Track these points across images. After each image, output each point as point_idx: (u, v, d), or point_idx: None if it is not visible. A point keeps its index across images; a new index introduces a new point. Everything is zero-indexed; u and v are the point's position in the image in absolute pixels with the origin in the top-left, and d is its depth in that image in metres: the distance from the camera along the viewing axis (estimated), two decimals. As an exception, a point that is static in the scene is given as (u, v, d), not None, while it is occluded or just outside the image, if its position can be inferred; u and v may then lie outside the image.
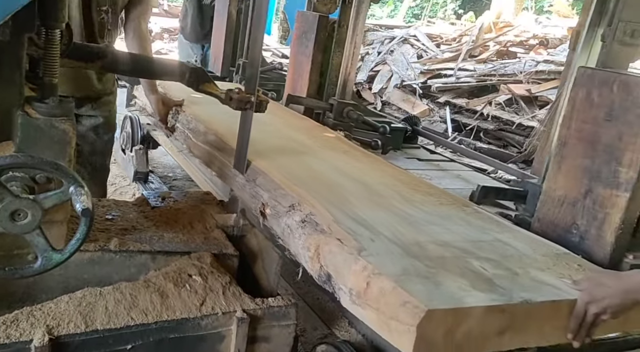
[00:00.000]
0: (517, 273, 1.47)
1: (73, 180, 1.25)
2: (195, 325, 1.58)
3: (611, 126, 1.81)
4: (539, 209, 2.04)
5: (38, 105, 1.36)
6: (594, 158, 1.86)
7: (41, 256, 1.29)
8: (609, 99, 1.81)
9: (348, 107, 3.54)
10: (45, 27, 1.36)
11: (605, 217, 1.82)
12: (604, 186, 1.82)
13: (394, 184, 2.06)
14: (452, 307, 1.24)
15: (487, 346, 1.32)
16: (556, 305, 1.38)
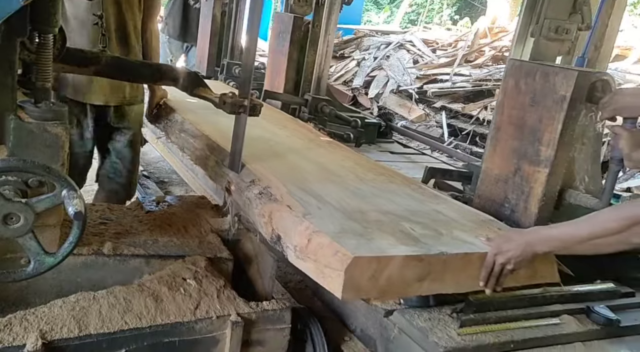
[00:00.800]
0: (442, 233, 1.69)
1: (65, 183, 1.25)
2: (190, 329, 1.58)
3: (534, 111, 1.98)
4: (479, 187, 2.22)
5: (30, 110, 1.36)
6: (521, 139, 2.03)
7: (34, 259, 1.29)
8: (533, 87, 1.99)
9: (322, 103, 3.74)
10: (37, 31, 1.37)
11: (530, 191, 2.00)
12: (528, 164, 2.00)
13: (351, 166, 2.29)
14: (375, 255, 1.44)
15: (407, 290, 1.53)
16: (468, 257, 1.59)
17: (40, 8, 1.34)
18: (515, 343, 1.62)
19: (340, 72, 8.32)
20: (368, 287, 1.44)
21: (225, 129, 2.21)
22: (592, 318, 1.78)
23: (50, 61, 1.40)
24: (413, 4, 17.57)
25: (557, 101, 1.91)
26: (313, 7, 3.84)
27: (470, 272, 1.60)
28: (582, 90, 1.89)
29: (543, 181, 1.95)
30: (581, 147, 2.00)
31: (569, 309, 1.80)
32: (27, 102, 1.40)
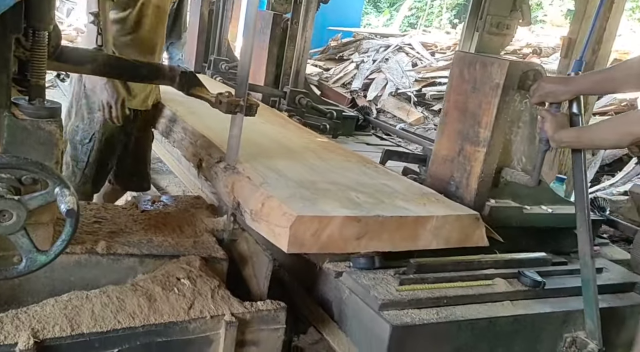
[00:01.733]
0: (383, 201, 1.92)
1: (59, 181, 1.25)
2: (183, 329, 1.57)
3: (475, 97, 2.19)
4: (430, 167, 2.44)
5: (25, 107, 1.36)
6: (464, 123, 2.23)
7: (26, 257, 1.28)
8: (474, 75, 2.20)
9: (300, 95, 3.97)
10: (32, 28, 1.36)
11: (471, 169, 2.20)
12: (470, 144, 2.21)
13: (314, 147, 2.59)
14: (317, 215, 1.66)
15: (347, 247, 1.74)
16: (403, 220, 1.81)
17: (35, 5, 1.34)
18: (448, 299, 1.81)
19: (339, 75, 8.33)
20: (310, 243, 1.66)
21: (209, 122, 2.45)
22: (521, 281, 1.98)
23: (45, 59, 1.40)
24: (412, 7, 17.60)
25: (493, 88, 2.11)
26: (292, 5, 4.07)
27: (404, 233, 1.82)
28: (514, 78, 2.09)
29: (481, 159, 2.15)
30: (517, 130, 2.20)
31: (502, 273, 1.98)
32: (22, 99, 1.40)
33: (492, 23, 2.33)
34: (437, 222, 1.88)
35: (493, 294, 1.90)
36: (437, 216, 1.89)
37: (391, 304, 1.71)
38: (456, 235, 1.92)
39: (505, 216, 2.17)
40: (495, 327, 1.83)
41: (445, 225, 1.90)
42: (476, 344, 1.80)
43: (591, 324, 1.87)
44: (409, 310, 1.73)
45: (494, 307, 1.86)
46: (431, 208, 1.97)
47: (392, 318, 1.67)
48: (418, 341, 1.71)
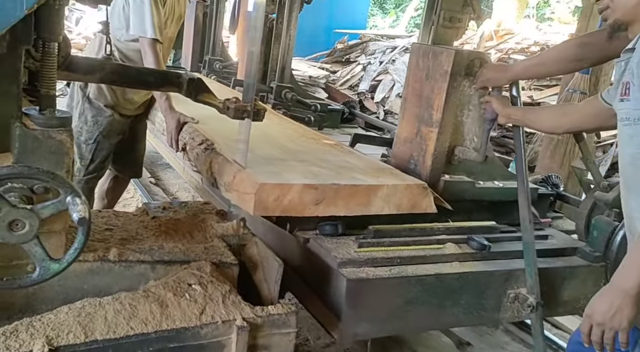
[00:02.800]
0: (341, 174, 2.20)
1: (70, 190, 1.26)
2: (195, 334, 1.57)
3: (428, 83, 2.42)
4: (393, 148, 2.67)
5: (35, 117, 1.38)
6: (420, 107, 2.47)
7: (39, 265, 1.29)
8: (427, 64, 2.43)
9: (285, 90, 4.22)
10: (42, 40, 1.38)
11: (426, 148, 2.43)
12: (425, 126, 2.44)
13: (290, 134, 2.87)
14: (278, 182, 1.94)
15: (306, 211, 2.00)
16: (356, 188, 2.07)
17: (45, 16, 1.36)
18: (401, 259, 2.04)
19: (346, 77, 8.33)
20: (273, 207, 1.93)
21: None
22: (470, 244, 2.21)
23: (54, 69, 1.42)
24: (419, 7, 17.56)
25: (442, 75, 2.34)
26: (277, 6, 4.32)
27: (358, 200, 2.08)
28: (461, 66, 2.32)
29: (435, 139, 2.38)
30: (468, 112, 2.43)
31: (453, 239, 2.21)
32: (32, 109, 1.41)
33: (446, 17, 2.55)
34: (387, 191, 2.13)
35: (443, 255, 2.13)
36: (387, 185, 2.14)
37: (349, 263, 1.94)
38: (406, 202, 2.17)
39: (458, 190, 2.41)
40: (443, 283, 2.05)
41: (396, 193, 2.15)
42: (426, 298, 2.02)
43: (531, 281, 2.09)
44: (365, 268, 1.96)
45: (443, 267, 2.09)
46: (383, 179, 2.22)
47: (348, 274, 1.90)
48: (371, 293, 1.93)
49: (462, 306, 2.12)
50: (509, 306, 2.20)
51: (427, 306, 2.04)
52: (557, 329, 3.26)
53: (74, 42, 7.86)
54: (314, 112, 4.29)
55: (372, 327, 1.98)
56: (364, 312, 1.93)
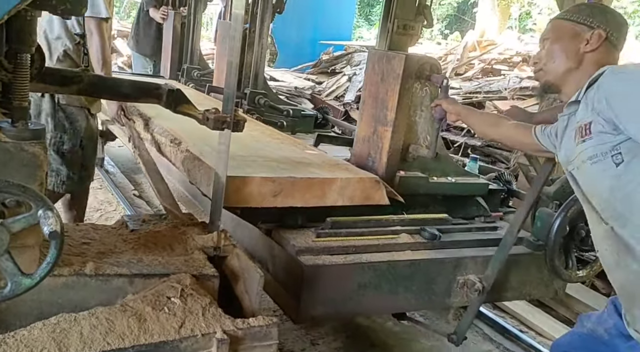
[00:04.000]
0: (298, 168, 2.35)
1: (42, 203, 1.24)
2: (174, 348, 1.54)
3: (383, 85, 2.60)
4: (354, 147, 2.82)
5: (7, 129, 1.35)
6: (376, 108, 2.64)
7: (10, 281, 1.26)
8: (382, 68, 2.61)
9: (259, 95, 4.35)
10: (14, 51, 1.36)
11: (382, 146, 2.61)
12: (381, 125, 2.61)
13: (256, 135, 3.10)
14: (239, 175, 2.09)
15: (265, 202, 2.14)
16: (311, 180, 2.24)
17: (17, 27, 1.34)
18: (356, 248, 2.20)
19: (331, 88, 8.35)
20: (234, 198, 2.06)
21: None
22: (422, 235, 2.39)
23: (27, 81, 1.39)
24: (403, 19, 17.71)
25: (395, 78, 2.52)
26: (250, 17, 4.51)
27: (314, 192, 2.23)
28: (412, 69, 2.52)
29: (389, 137, 2.55)
30: (421, 113, 2.62)
31: (407, 230, 2.40)
32: (4, 121, 1.39)
33: (399, 25, 2.71)
34: (341, 183, 2.28)
35: (396, 244, 2.30)
36: (341, 178, 2.29)
37: (307, 251, 2.11)
38: (359, 194, 2.32)
39: (413, 185, 2.59)
40: (395, 270, 2.21)
41: (349, 186, 2.29)
42: (378, 283, 2.17)
43: (490, 272, 2.30)
44: (322, 256, 2.13)
45: (396, 255, 2.25)
46: (338, 173, 2.39)
47: (305, 261, 2.06)
48: (326, 278, 2.09)
49: (414, 292, 2.28)
50: (458, 291, 2.37)
51: (380, 291, 2.20)
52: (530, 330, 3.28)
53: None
54: (286, 117, 4.43)
55: (328, 309, 2.14)
56: (320, 296, 2.10)
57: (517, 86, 6.55)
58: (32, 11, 1.34)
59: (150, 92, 1.96)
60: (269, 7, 4.35)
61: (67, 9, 1.32)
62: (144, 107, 3.12)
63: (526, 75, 6.87)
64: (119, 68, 8.82)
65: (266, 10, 4.32)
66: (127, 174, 4.59)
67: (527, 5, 14.72)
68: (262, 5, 4.31)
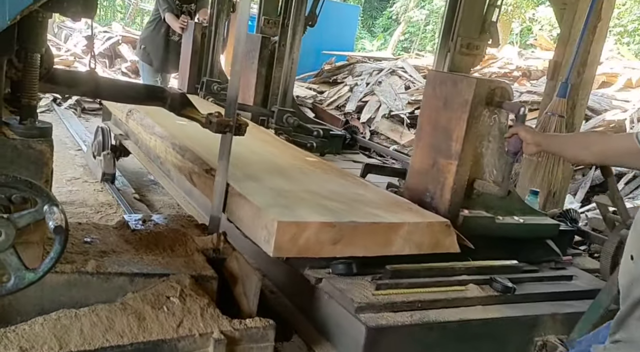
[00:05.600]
0: (357, 209, 2.03)
1: (47, 199, 1.26)
2: (172, 347, 1.57)
3: (446, 112, 2.30)
4: (407, 180, 2.54)
5: (15, 127, 1.38)
6: (436, 137, 2.33)
7: (14, 275, 1.29)
8: (444, 92, 2.30)
9: (287, 114, 4.06)
10: (25, 50, 1.40)
11: (444, 181, 2.29)
12: (443, 158, 2.30)
13: (296, 162, 2.74)
14: (294, 220, 1.78)
15: (323, 251, 1.83)
16: (375, 226, 1.91)
17: (28, 28, 1.38)
18: (422, 303, 1.90)
19: (333, 97, 8.40)
20: (289, 247, 1.76)
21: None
22: (493, 286, 2.06)
23: (36, 80, 1.43)
24: (406, 32, 17.87)
25: (462, 104, 2.22)
26: (280, 29, 4.29)
27: (378, 239, 1.91)
28: (482, 95, 2.22)
29: (454, 171, 2.25)
30: (487, 144, 2.32)
31: (475, 279, 2.07)
32: (13, 119, 1.42)
33: (463, 44, 2.50)
34: (409, 229, 1.95)
35: (465, 298, 1.99)
36: (408, 223, 1.97)
37: (367, 307, 1.80)
38: (428, 241, 2.00)
39: (478, 226, 2.25)
40: (466, 330, 1.92)
41: (417, 231, 1.97)
42: (447, 344, 1.89)
43: (577, 335, 1.94)
44: (384, 313, 1.82)
45: (466, 311, 1.95)
46: (403, 215, 2.06)
47: (367, 320, 1.76)
48: (392, 342, 1.80)
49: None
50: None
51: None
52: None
53: (61, 59, 7.86)
54: (316, 138, 4.13)
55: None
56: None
57: (517, 100, 6.60)
58: (44, 12, 1.38)
59: (155, 95, 2.00)
60: (301, 19, 4.06)
61: (78, 11, 1.36)
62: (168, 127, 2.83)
63: (525, 90, 6.92)
64: (122, 74, 8.87)
65: (298, 22, 4.04)
66: (128, 177, 4.60)
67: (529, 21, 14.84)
68: (294, 17, 4.03)
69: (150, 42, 5.79)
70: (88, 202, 3.78)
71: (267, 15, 4.58)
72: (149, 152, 3.33)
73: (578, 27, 3.51)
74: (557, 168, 3.49)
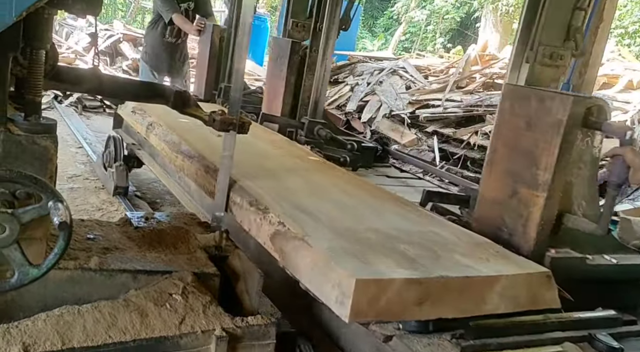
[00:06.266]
0: (440, 256, 1.67)
1: (52, 194, 1.27)
2: (175, 344, 1.57)
3: (529, 134, 2.00)
4: (476, 210, 2.23)
5: (20, 123, 1.39)
6: (516, 162, 2.04)
7: (18, 270, 1.29)
8: (528, 110, 2.01)
9: (318, 126, 3.80)
10: (30, 47, 1.40)
11: (529, 215, 1.98)
12: (526, 187, 1.99)
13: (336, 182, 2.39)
14: (375, 278, 1.45)
15: (406, 314, 1.51)
16: (469, 281, 1.57)
17: (34, 25, 1.38)
18: None
19: (334, 97, 8.41)
20: (367, 310, 1.44)
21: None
22: (594, 346, 1.70)
23: (41, 76, 1.43)
24: (407, 32, 17.89)
25: (553, 126, 1.91)
26: (310, 33, 3.96)
27: (470, 297, 1.57)
28: (578, 115, 1.90)
29: (541, 205, 1.93)
30: (578, 171, 2.03)
31: (571, 337, 1.72)
32: (17, 115, 1.43)
33: (545, 53, 2.15)
34: (505, 283, 1.62)
35: None
36: (506, 275, 1.63)
37: None
38: (525, 296, 1.66)
39: (567, 268, 1.91)
40: None
41: (515, 285, 1.64)
42: None
43: None
44: None
45: None
46: (497, 265, 1.68)
47: None
48: None
49: None
50: None
51: None
52: None
53: (63, 57, 7.87)
54: (350, 152, 3.80)
55: None
56: None
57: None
58: (49, 9, 1.38)
59: (158, 92, 2.00)
60: (336, 22, 3.76)
61: (83, 8, 1.36)
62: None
63: (527, 90, 6.93)
64: (123, 71, 8.88)
65: (332, 26, 3.73)
66: (130, 177, 4.59)
67: (530, 22, 14.84)
68: (329, 20, 3.71)
69: (149, 43, 5.59)
70: (89, 199, 3.79)
71: (296, 17, 4.22)
72: (172, 172, 3.01)
73: (580, 28, 3.52)
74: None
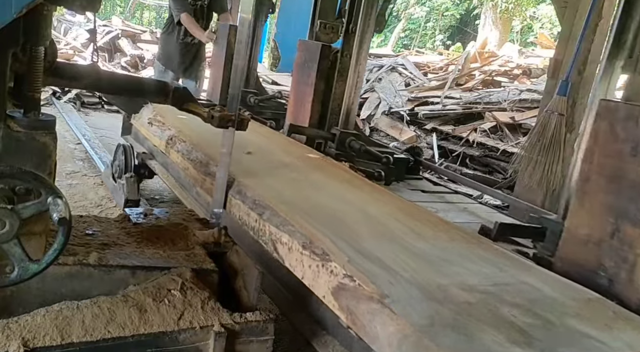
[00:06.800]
0: (554, 323, 1.34)
1: (51, 191, 1.27)
2: (173, 339, 1.58)
3: (636, 162, 1.70)
4: (561, 247, 1.92)
5: (19, 119, 1.39)
6: (618, 195, 1.73)
7: (18, 266, 1.30)
8: (634, 133, 1.70)
9: (350, 137, 3.47)
10: (29, 43, 1.40)
11: (637, 259, 1.67)
12: (632, 225, 1.68)
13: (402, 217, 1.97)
14: None
15: None
16: None
17: (33, 21, 1.38)
18: None
19: (332, 94, 8.42)
20: None
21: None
22: None
23: (40, 73, 1.44)
24: (406, 29, 17.88)
25: None
26: (341, 35, 3.66)
27: None
28: None
29: None
30: None
31: None
32: (17, 111, 1.43)
33: None
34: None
35: None
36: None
37: None
38: None
39: None
40: None
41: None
42: None
43: None
44: None
45: None
46: (624, 334, 1.35)
47: None
48: None
49: None
50: None
51: None
52: None
53: (61, 53, 7.86)
54: (384, 166, 3.44)
55: None
56: None
57: (517, 98, 6.62)
58: (49, 6, 1.39)
59: (157, 89, 2.01)
60: (371, 25, 3.43)
61: (82, 4, 1.37)
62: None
63: (525, 88, 6.94)
64: (122, 68, 8.87)
65: (367, 28, 3.40)
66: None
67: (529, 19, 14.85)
68: (363, 22, 3.35)
69: (163, 43, 5.30)
70: (88, 195, 3.79)
71: (324, 18, 3.90)
72: (197, 195, 2.64)
73: (579, 25, 3.53)
74: (557, 166, 3.51)
